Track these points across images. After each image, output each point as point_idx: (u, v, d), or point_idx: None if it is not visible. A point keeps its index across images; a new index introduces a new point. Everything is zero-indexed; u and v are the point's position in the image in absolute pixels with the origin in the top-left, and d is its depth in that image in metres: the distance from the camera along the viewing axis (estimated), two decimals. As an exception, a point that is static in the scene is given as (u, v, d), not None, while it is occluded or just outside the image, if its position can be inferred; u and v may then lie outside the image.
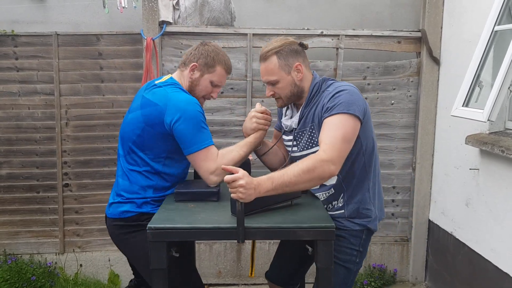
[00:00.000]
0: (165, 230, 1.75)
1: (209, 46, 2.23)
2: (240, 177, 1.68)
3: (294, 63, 2.00)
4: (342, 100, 1.89)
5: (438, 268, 3.70)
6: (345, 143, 1.85)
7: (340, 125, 1.86)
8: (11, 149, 3.81)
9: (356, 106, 1.89)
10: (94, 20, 3.90)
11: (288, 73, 2.00)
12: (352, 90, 1.95)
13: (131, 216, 2.16)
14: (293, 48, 2.01)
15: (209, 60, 2.20)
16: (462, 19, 3.37)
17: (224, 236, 1.83)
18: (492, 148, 2.72)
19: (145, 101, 2.14)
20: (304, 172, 1.75)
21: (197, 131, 2.06)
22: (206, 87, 2.23)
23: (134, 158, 2.18)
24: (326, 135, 1.86)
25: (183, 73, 2.25)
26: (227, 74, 2.27)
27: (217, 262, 3.90)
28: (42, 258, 3.90)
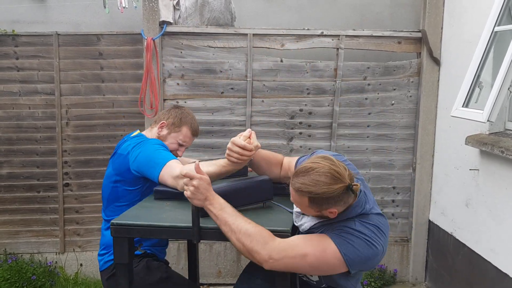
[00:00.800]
0: (126, 226, 1.81)
1: (179, 109, 2.44)
2: (197, 178, 1.69)
3: (329, 209, 1.62)
4: (355, 244, 1.61)
5: (438, 268, 3.70)
6: (302, 261, 1.59)
7: (321, 250, 1.59)
8: (11, 149, 3.82)
9: (357, 263, 1.62)
10: (94, 20, 3.90)
11: (317, 211, 1.65)
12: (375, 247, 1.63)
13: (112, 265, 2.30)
14: (333, 196, 1.57)
15: (177, 121, 2.39)
16: (462, 20, 3.37)
17: (181, 235, 1.84)
18: (492, 148, 2.72)
19: (115, 155, 2.34)
20: (245, 233, 1.61)
21: (155, 152, 2.16)
22: (172, 144, 2.38)
23: (111, 210, 2.32)
24: (299, 240, 1.63)
25: (153, 129, 2.43)
26: (192, 136, 2.43)
27: (217, 262, 3.90)
28: (42, 258, 3.90)
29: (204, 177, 1.72)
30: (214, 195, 1.72)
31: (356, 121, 3.80)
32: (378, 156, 3.85)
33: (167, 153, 2.18)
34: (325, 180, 1.55)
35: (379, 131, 3.83)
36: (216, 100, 3.75)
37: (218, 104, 3.76)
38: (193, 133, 2.44)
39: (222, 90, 3.75)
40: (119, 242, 1.83)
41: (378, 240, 1.65)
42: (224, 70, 3.72)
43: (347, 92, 3.77)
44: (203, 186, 1.70)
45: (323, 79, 3.74)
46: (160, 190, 2.13)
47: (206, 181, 1.72)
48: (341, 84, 3.75)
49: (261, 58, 3.72)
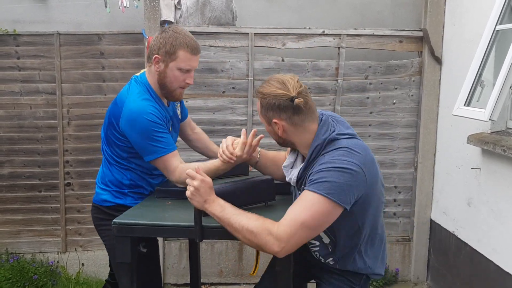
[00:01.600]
0: (129, 225, 1.79)
1: (167, 33, 2.04)
2: (199, 179, 1.68)
3: (273, 118, 1.73)
4: (328, 178, 1.59)
5: (440, 267, 3.70)
6: (305, 229, 1.59)
7: (309, 207, 1.59)
8: (13, 148, 3.82)
9: (342, 192, 1.58)
10: (95, 19, 3.90)
11: (268, 123, 1.77)
12: (349, 170, 1.60)
13: (108, 206, 2.22)
14: (277, 102, 1.69)
15: (169, 47, 2.01)
16: (463, 19, 3.37)
17: (183, 234, 1.85)
18: (494, 147, 2.72)
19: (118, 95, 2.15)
20: (248, 230, 1.61)
21: (149, 142, 2.01)
22: (176, 76, 2.06)
23: (106, 151, 2.23)
24: (292, 210, 1.62)
25: (151, 68, 2.11)
26: (193, 55, 2.06)
27: (219, 261, 3.90)
28: (44, 257, 3.91)
29: (206, 180, 1.71)
30: (215, 198, 1.70)
31: (357, 120, 3.79)
32: (380, 155, 3.85)
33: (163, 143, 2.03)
34: (273, 84, 1.72)
35: (380, 130, 3.82)
36: (217, 100, 3.75)
37: (219, 103, 3.76)
38: (193, 51, 2.06)
39: (223, 90, 3.75)
40: (121, 241, 1.83)
41: (349, 161, 1.61)
42: (226, 70, 3.72)
43: (349, 91, 3.77)
44: (204, 188, 1.69)
45: (324, 78, 3.74)
46: (162, 189, 2.12)
47: (207, 184, 1.70)
48: (343, 83, 3.74)
49: (263, 58, 3.72)
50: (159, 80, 2.10)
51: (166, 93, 2.14)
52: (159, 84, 2.11)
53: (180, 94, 2.15)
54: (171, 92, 2.12)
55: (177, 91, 2.13)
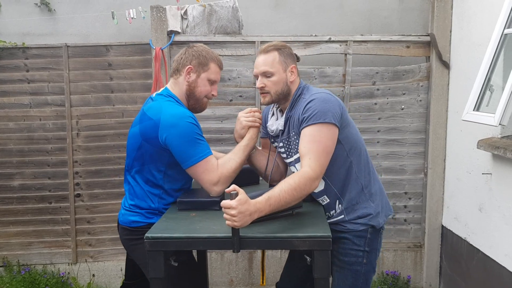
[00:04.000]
0: (162, 239, 1.76)
1: (197, 47, 2.23)
2: (233, 207, 1.65)
3: (291, 65, 2.10)
4: (316, 108, 1.95)
5: (452, 274, 3.66)
6: (326, 154, 1.93)
7: (318, 137, 1.92)
8: (23, 160, 3.85)
9: (331, 113, 1.94)
10: (103, 31, 3.93)
11: (284, 70, 2.08)
12: (324, 97, 1.99)
13: (140, 227, 2.18)
14: (291, 52, 2.13)
15: (202, 59, 2.19)
16: (471, 23, 3.35)
17: (220, 245, 1.81)
18: (505, 152, 2.68)
19: (143, 115, 2.15)
20: (297, 191, 1.82)
21: (192, 144, 2.05)
22: (205, 86, 2.21)
23: (137, 172, 2.20)
24: (307, 149, 1.92)
25: (178, 80, 2.22)
26: (220, 69, 2.28)
27: (229, 271, 3.89)
28: (55, 269, 3.92)
29: (240, 199, 1.67)
30: (255, 204, 1.71)
31: (366, 126, 3.77)
32: (389, 162, 3.83)
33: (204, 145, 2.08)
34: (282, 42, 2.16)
35: (389, 136, 3.80)
36: (225, 108, 3.76)
37: (227, 112, 3.76)
38: (220, 66, 2.27)
39: (231, 98, 3.76)
40: (154, 256, 1.77)
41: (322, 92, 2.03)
42: (233, 78, 3.73)
43: (356, 97, 3.75)
44: (242, 209, 1.66)
45: (331, 85, 3.73)
46: (184, 201, 2.08)
47: (242, 202, 1.67)
48: (350, 90, 3.73)
49: (269, 65, 3.72)
50: (188, 90, 2.21)
51: (194, 103, 2.24)
52: (188, 94, 2.22)
53: (205, 105, 2.28)
54: (198, 101, 2.24)
55: (204, 100, 2.25)
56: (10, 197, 3.88)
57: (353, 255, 2.08)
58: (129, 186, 2.25)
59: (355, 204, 2.09)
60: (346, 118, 2.05)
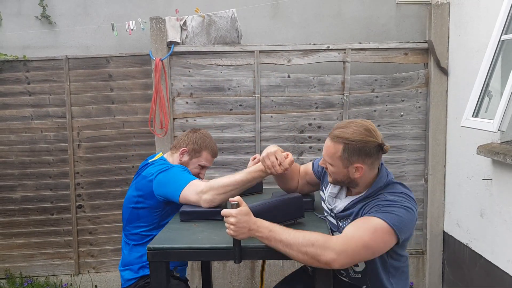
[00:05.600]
0: (164, 250, 1.76)
1: (197, 134, 2.49)
2: (233, 215, 1.66)
3: (356, 163, 1.83)
4: (397, 212, 1.73)
5: (454, 280, 3.65)
6: (364, 249, 1.68)
7: (373, 230, 1.69)
8: (25, 172, 3.87)
9: (404, 228, 1.73)
10: (103, 43, 3.96)
11: (345, 166, 1.85)
12: (413, 212, 1.78)
13: (132, 284, 2.33)
14: (365, 149, 1.81)
15: (196, 146, 2.45)
16: (468, 29, 3.37)
17: (221, 256, 1.82)
18: (504, 158, 2.69)
19: (139, 177, 2.37)
20: (304, 240, 1.65)
21: (178, 175, 2.20)
22: (195, 169, 2.46)
23: (130, 231, 2.36)
24: (351, 229, 1.71)
25: (174, 155, 2.48)
26: (213, 157, 2.51)
27: (231, 280, 3.89)
28: (57, 280, 3.92)
29: (241, 210, 1.68)
30: (256, 221, 1.69)
31: (365, 133, 3.78)
32: (389, 168, 3.76)
33: (190, 176, 2.22)
34: (362, 131, 1.81)
35: (389, 143, 3.81)
36: (225, 117, 3.78)
37: (227, 121, 3.78)
38: (213, 155, 2.51)
39: (230, 107, 3.77)
40: (156, 267, 1.78)
41: (412, 204, 1.81)
42: (232, 87, 3.75)
43: (356, 104, 3.77)
44: (241, 220, 1.66)
45: (331, 92, 3.75)
46: (186, 211, 2.09)
47: (244, 213, 1.67)
48: (349, 97, 3.75)
49: (269, 74, 3.74)
50: None
51: None
52: None
53: None
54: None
55: None
56: (12, 209, 3.88)
57: None
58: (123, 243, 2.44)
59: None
60: (411, 235, 1.87)
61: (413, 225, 1.81)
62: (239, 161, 3.78)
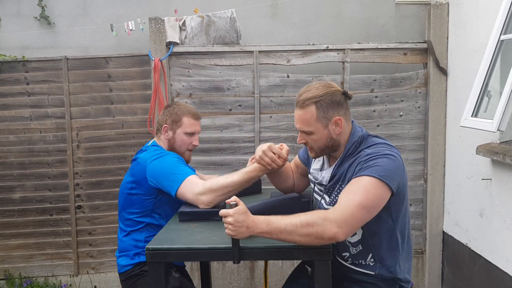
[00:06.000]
0: (163, 251, 1.75)
1: (171, 107, 2.44)
2: (230, 214, 1.64)
3: (334, 117, 1.81)
4: (380, 164, 1.72)
5: (454, 280, 3.65)
6: (363, 210, 1.66)
7: (365, 189, 1.68)
8: (24, 173, 3.86)
9: (392, 175, 1.72)
10: (102, 43, 3.96)
11: (325, 126, 1.82)
12: (395, 157, 1.76)
13: (128, 270, 2.33)
14: (335, 99, 1.81)
15: (174, 117, 2.39)
16: (467, 29, 3.37)
17: (220, 256, 1.81)
18: (504, 158, 2.70)
19: (133, 163, 2.37)
20: (303, 225, 1.62)
21: (173, 171, 2.17)
22: (183, 140, 2.39)
23: (124, 217, 2.36)
24: (344, 197, 1.70)
25: (160, 138, 2.44)
26: (195, 120, 2.42)
27: (231, 280, 3.89)
28: (56, 281, 3.92)
29: (238, 209, 1.66)
30: (253, 219, 1.67)
31: (365, 133, 3.78)
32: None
33: (186, 168, 2.18)
34: (323, 85, 1.83)
35: (388, 143, 3.81)
36: (224, 118, 3.77)
37: (226, 121, 3.78)
38: (194, 117, 2.42)
39: (230, 107, 3.77)
40: (155, 267, 1.77)
41: (393, 151, 1.80)
42: (232, 88, 3.75)
43: (355, 105, 3.77)
44: (239, 219, 1.64)
45: (330, 93, 3.75)
46: (185, 211, 2.08)
47: (240, 212, 1.65)
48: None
49: (268, 75, 3.74)
50: (169, 146, 2.41)
51: None
52: (170, 150, 2.39)
53: (189, 157, 2.44)
54: (181, 155, 2.37)
55: (186, 153, 2.43)
56: (11, 210, 3.88)
57: None
58: (119, 229, 2.44)
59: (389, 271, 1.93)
60: (405, 185, 1.84)
61: (401, 170, 1.78)
62: (238, 161, 3.78)
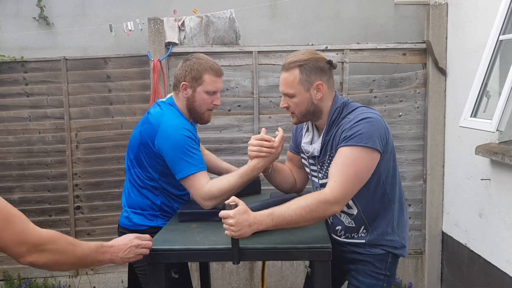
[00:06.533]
0: (162, 252, 1.74)
1: (190, 60, 2.18)
2: (231, 216, 1.63)
3: (316, 81, 1.86)
4: (361, 130, 1.77)
5: (453, 280, 3.65)
6: (356, 182, 1.76)
7: (354, 161, 1.75)
8: (23, 174, 3.85)
9: (376, 138, 1.77)
10: (101, 43, 3.96)
11: (307, 89, 1.87)
12: (375, 118, 1.81)
13: (143, 229, 2.16)
14: (319, 64, 1.87)
15: (195, 73, 2.14)
16: (466, 29, 3.37)
17: (220, 257, 1.81)
18: (503, 158, 2.70)
19: (146, 118, 2.18)
20: (306, 211, 1.69)
21: (184, 157, 2.04)
22: (204, 99, 2.17)
23: (136, 174, 2.21)
24: (337, 171, 1.75)
25: (178, 95, 2.21)
26: (218, 77, 2.18)
27: (230, 281, 3.88)
28: (56, 282, 3.91)
29: (239, 209, 1.65)
30: (256, 216, 1.67)
31: (364, 134, 3.78)
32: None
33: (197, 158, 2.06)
34: (309, 52, 1.90)
35: (387, 143, 3.81)
36: (223, 118, 3.77)
37: (225, 121, 3.78)
38: (217, 74, 2.17)
39: (229, 108, 3.77)
40: (155, 268, 1.75)
41: (372, 113, 1.84)
42: (231, 88, 3.75)
43: (354, 105, 3.77)
44: (240, 219, 1.64)
45: (329, 93, 3.75)
46: (185, 212, 2.08)
47: (241, 212, 1.65)
48: (348, 98, 3.74)
49: (267, 75, 3.74)
50: (188, 105, 2.19)
51: (196, 117, 2.22)
52: (189, 109, 2.20)
53: (208, 116, 2.24)
54: (200, 115, 2.21)
55: (206, 113, 2.22)
56: (10, 211, 3.87)
57: (375, 277, 1.97)
58: (130, 184, 2.26)
59: (380, 235, 1.96)
60: (390, 144, 1.89)
61: (383, 129, 1.82)
62: (237, 162, 3.77)
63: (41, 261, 1.41)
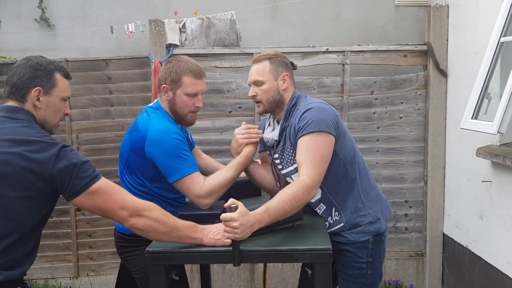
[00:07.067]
0: (163, 253, 1.75)
1: (170, 63, 2.16)
2: (235, 219, 1.66)
3: (282, 73, 2.10)
4: (312, 118, 1.95)
5: (454, 282, 3.65)
6: (323, 163, 1.94)
7: (315, 145, 1.93)
8: (24, 175, 3.85)
9: (326, 122, 1.95)
10: (102, 45, 3.96)
11: (275, 78, 2.09)
12: (319, 106, 2.00)
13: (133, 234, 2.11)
14: (285, 61, 2.14)
15: (174, 76, 2.11)
16: (467, 31, 3.37)
17: (220, 259, 1.81)
18: (504, 160, 2.69)
19: (134, 125, 2.18)
20: (295, 200, 1.81)
21: (177, 160, 2.04)
22: (184, 102, 2.14)
23: (128, 180, 2.21)
24: (305, 158, 1.92)
25: (162, 98, 2.20)
26: (197, 79, 2.14)
27: (231, 283, 3.88)
28: (56, 283, 3.91)
29: (240, 211, 1.68)
30: (256, 216, 1.71)
31: (365, 135, 3.79)
32: (389, 170, 3.83)
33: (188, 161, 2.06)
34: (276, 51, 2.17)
35: (388, 145, 3.81)
36: (224, 120, 3.77)
37: (226, 123, 3.78)
38: (196, 75, 2.13)
39: (230, 109, 3.77)
40: (155, 270, 1.76)
41: (317, 102, 2.05)
42: (232, 90, 3.75)
43: (355, 107, 3.77)
44: (243, 221, 1.67)
45: (330, 95, 3.75)
46: (185, 214, 2.07)
47: (243, 214, 1.68)
48: (348, 100, 3.75)
49: (268, 77, 3.74)
50: (170, 107, 2.18)
51: (179, 119, 2.21)
52: (171, 112, 2.19)
53: (192, 118, 2.23)
54: (183, 117, 2.19)
55: (188, 115, 2.20)
56: (11, 212, 3.87)
57: (357, 267, 2.08)
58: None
59: (353, 212, 2.07)
60: (342, 127, 2.06)
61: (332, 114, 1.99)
62: (238, 164, 3.77)
63: (139, 225, 1.68)
